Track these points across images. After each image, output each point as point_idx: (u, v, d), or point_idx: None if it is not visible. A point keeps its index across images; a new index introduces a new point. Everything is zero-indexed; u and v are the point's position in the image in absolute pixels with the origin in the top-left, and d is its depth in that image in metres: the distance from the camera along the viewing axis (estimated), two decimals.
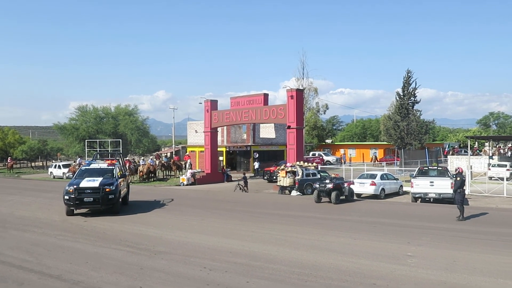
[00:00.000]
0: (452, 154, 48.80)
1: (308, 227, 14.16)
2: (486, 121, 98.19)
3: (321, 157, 45.57)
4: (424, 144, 50.39)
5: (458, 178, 15.94)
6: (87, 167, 18.08)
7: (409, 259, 9.77)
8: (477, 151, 53.75)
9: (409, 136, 49.04)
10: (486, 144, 54.13)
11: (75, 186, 15.92)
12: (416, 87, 49.97)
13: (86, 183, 16.15)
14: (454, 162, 41.59)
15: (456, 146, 61.91)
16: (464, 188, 16.02)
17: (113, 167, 18.05)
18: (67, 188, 16.10)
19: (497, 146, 54.56)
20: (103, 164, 18.44)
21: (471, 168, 28.11)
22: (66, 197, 15.96)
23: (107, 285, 8.10)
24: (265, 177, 34.28)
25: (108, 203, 16.13)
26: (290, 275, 8.64)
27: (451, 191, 20.13)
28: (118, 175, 17.62)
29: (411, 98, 50.02)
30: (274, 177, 32.03)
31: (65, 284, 8.17)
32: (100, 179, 16.48)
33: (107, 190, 16.02)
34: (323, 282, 8.16)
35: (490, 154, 40.94)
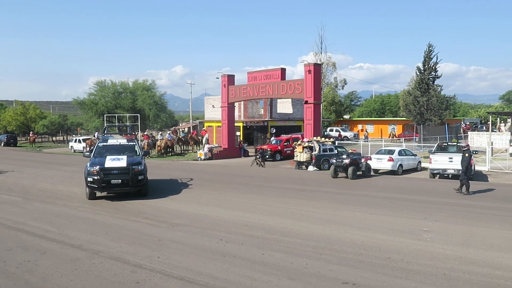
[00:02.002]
0: (465, 132, 47.88)
1: (324, 201, 14.21)
2: (509, 96, 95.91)
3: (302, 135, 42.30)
4: (444, 120, 49.56)
5: (467, 154, 15.74)
6: (105, 144, 15.83)
7: (425, 234, 9.75)
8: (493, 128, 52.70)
9: (428, 111, 48.24)
10: (509, 120, 52.93)
11: (99, 167, 13.91)
12: (437, 61, 48.86)
13: (111, 162, 14.21)
14: (475, 139, 40.91)
15: (468, 123, 60.59)
16: (471, 163, 15.85)
17: (134, 143, 16.27)
18: (89, 168, 14.05)
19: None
20: (122, 140, 16.31)
21: (491, 145, 27.60)
22: (90, 179, 13.93)
23: (126, 255, 8.32)
24: (257, 156, 30.31)
25: (137, 184, 14.38)
26: (305, 248, 8.73)
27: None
28: (141, 152, 15.97)
29: (432, 73, 48.97)
30: (267, 156, 30.79)
31: (86, 254, 8.41)
32: (125, 157, 14.64)
33: (136, 170, 14.20)
34: (338, 255, 8.23)
35: (505, 131, 39.97)
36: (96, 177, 13.82)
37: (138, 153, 15.64)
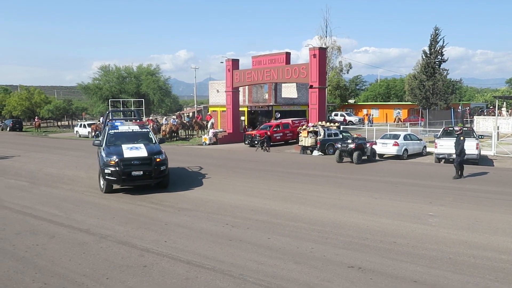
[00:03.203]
0: (464, 116, 47.43)
1: (329, 186, 14.24)
2: None
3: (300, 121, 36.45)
4: (450, 104, 49.20)
5: (462, 138, 15.71)
6: (116, 131, 14.34)
7: (430, 219, 9.77)
8: (493, 112, 52.35)
9: (434, 96, 47.86)
10: None
11: (117, 157, 12.68)
12: (444, 45, 48.25)
13: (130, 152, 12.97)
14: (480, 123, 40.69)
15: (468, 108, 59.95)
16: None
17: (148, 130, 15.06)
18: (106, 159, 12.78)
19: None
20: (134, 127, 14.91)
21: (498, 129, 27.45)
22: (107, 170, 12.61)
23: (133, 239, 8.40)
24: (246, 142, 31.11)
25: (159, 176, 13.20)
26: (311, 232, 8.78)
27: (476, 151, 19.87)
28: (157, 140, 14.72)
29: (438, 56, 48.41)
30: (256, 142, 29.51)
31: (94, 238, 8.50)
32: (143, 146, 13.47)
33: (158, 160, 13.06)
34: (343, 239, 8.27)
35: (506, 115, 39.62)
36: (114, 169, 12.54)
37: (154, 141, 14.41)
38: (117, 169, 12.55)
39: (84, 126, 43.32)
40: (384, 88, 77.04)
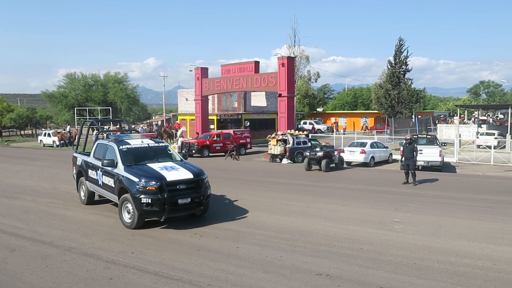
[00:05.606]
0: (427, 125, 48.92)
1: (298, 194, 14.34)
2: (476, 90, 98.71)
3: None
4: (414, 113, 50.53)
5: (415, 145, 16.34)
6: (129, 146, 11.10)
7: (396, 225, 9.98)
8: (443, 121, 54.49)
9: (399, 104, 49.09)
10: (475, 113, 54.56)
11: (159, 181, 9.69)
12: (408, 55, 49.62)
13: (169, 173, 10.03)
14: (444, 131, 42.00)
15: (420, 117, 61.90)
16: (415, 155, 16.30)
17: (166, 145, 12.14)
18: (142, 183, 9.66)
19: (461, 116, 56.22)
20: (147, 141, 11.79)
21: (459, 137, 28.40)
22: (145, 200, 9.56)
23: (99, 251, 8.20)
24: (183, 151, 28.29)
25: (206, 201, 10.59)
26: (280, 241, 8.81)
27: (439, 159, 20.48)
28: (181, 157, 11.80)
29: (403, 66, 49.72)
30: (193, 151, 28.29)
31: (58, 250, 8.25)
32: (176, 165, 10.69)
33: (204, 181, 10.54)
34: (311, 247, 8.34)
35: (458, 123, 41.17)
36: (156, 196, 9.58)
37: (178, 157, 11.60)
38: (160, 196, 9.61)
39: (49, 135, 42.17)
40: (351, 96, 78.50)
